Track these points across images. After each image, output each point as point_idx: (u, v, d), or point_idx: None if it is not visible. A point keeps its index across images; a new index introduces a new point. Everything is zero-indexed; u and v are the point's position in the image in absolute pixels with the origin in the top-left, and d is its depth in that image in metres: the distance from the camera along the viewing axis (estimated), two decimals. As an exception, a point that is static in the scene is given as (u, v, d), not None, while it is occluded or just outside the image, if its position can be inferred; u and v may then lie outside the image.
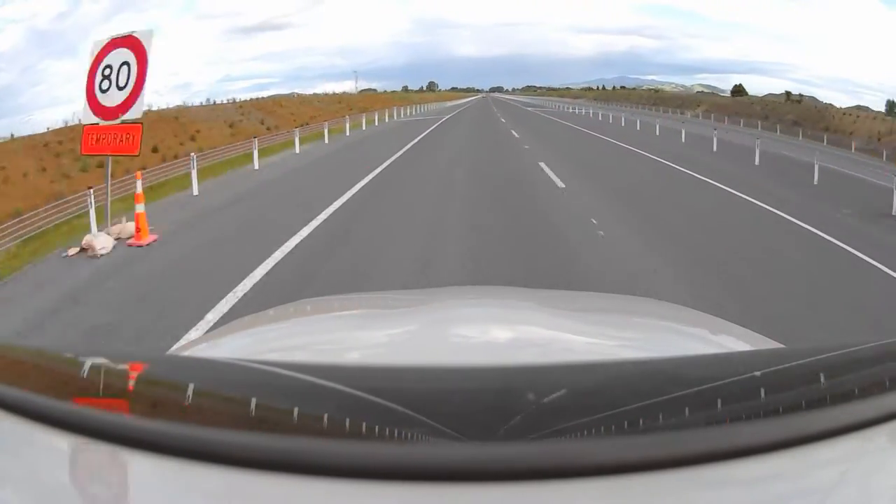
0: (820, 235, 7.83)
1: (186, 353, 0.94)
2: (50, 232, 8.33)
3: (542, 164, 13.34)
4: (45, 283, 5.81)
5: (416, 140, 20.51)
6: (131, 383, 0.65)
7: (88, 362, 0.72)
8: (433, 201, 9.28)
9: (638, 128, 28.20)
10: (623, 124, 31.54)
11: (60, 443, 0.50)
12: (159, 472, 0.48)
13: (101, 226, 7.27)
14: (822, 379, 0.66)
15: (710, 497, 0.47)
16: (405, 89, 59.88)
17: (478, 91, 73.74)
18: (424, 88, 65.15)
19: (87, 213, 7.38)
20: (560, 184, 10.91)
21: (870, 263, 6.59)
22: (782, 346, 0.97)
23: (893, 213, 9.62)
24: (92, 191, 7.50)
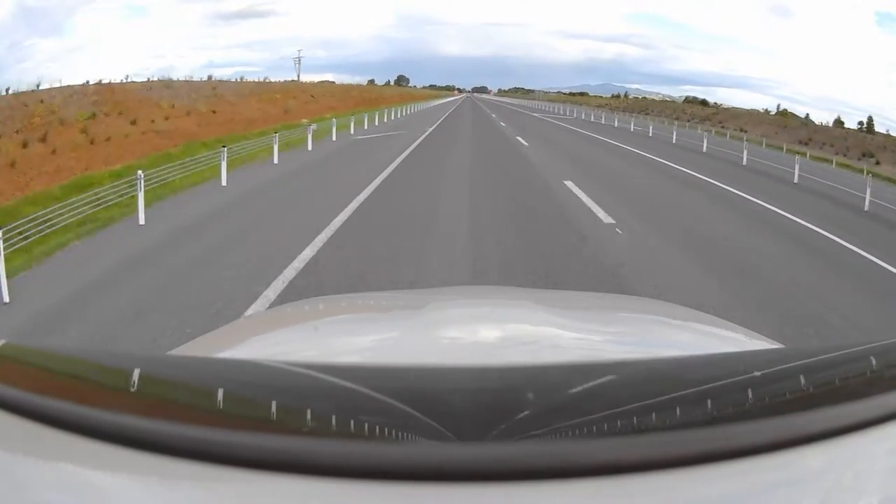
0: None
1: (186, 353, 0.93)
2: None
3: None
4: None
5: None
6: (131, 383, 0.64)
7: (89, 362, 0.71)
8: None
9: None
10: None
11: (61, 443, 0.50)
12: (159, 472, 0.48)
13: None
14: (822, 379, 0.66)
15: (709, 497, 0.47)
16: (371, 83, 53.69)
17: (460, 90, 70.89)
18: (392, 83, 57.81)
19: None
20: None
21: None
22: (782, 346, 0.99)
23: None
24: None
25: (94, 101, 20.38)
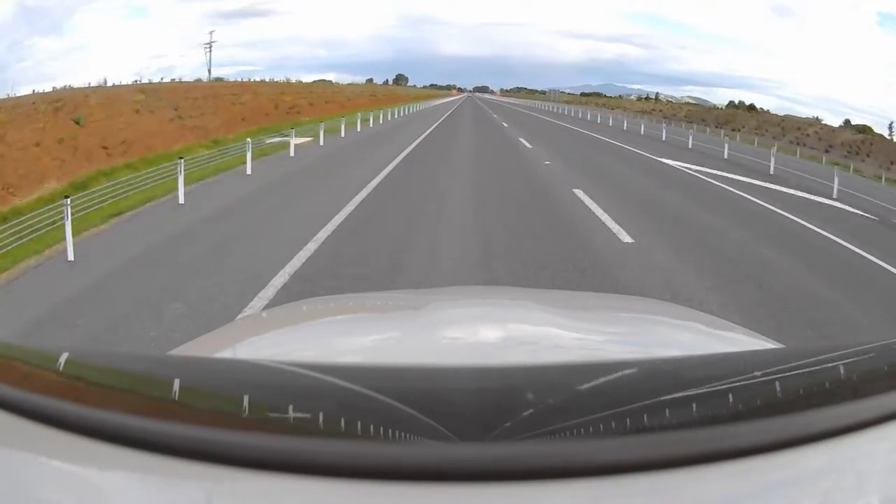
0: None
1: (186, 353, 0.93)
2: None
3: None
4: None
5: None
6: (131, 383, 0.64)
7: (89, 362, 0.71)
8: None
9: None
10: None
11: (60, 443, 0.50)
12: (160, 472, 0.48)
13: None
14: (822, 379, 0.66)
15: (709, 497, 0.47)
16: (369, 82, 50.81)
17: (460, 90, 69.51)
18: (390, 82, 55.20)
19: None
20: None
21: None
22: (782, 346, 0.99)
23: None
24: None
25: None
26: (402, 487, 0.45)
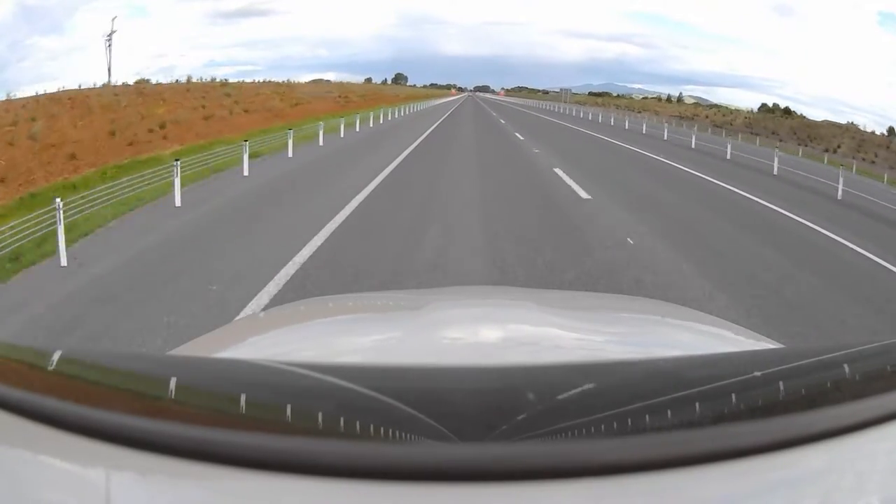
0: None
1: (186, 353, 0.93)
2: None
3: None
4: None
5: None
6: (131, 383, 0.64)
7: (89, 362, 0.71)
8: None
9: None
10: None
11: (60, 443, 0.50)
12: (160, 472, 0.48)
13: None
14: (822, 379, 0.66)
15: (709, 497, 0.47)
16: (368, 81, 49.83)
17: (460, 89, 69.00)
18: (389, 81, 54.24)
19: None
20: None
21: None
22: (782, 346, 0.99)
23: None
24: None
25: None
26: (403, 487, 0.45)
